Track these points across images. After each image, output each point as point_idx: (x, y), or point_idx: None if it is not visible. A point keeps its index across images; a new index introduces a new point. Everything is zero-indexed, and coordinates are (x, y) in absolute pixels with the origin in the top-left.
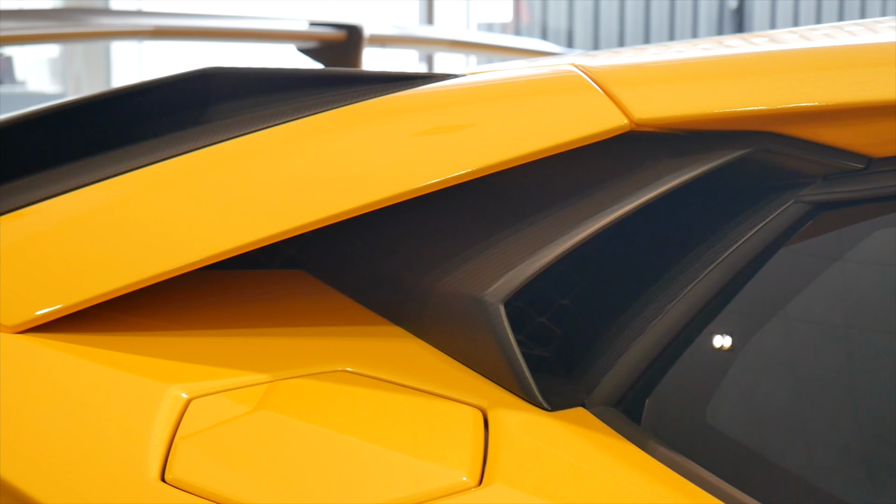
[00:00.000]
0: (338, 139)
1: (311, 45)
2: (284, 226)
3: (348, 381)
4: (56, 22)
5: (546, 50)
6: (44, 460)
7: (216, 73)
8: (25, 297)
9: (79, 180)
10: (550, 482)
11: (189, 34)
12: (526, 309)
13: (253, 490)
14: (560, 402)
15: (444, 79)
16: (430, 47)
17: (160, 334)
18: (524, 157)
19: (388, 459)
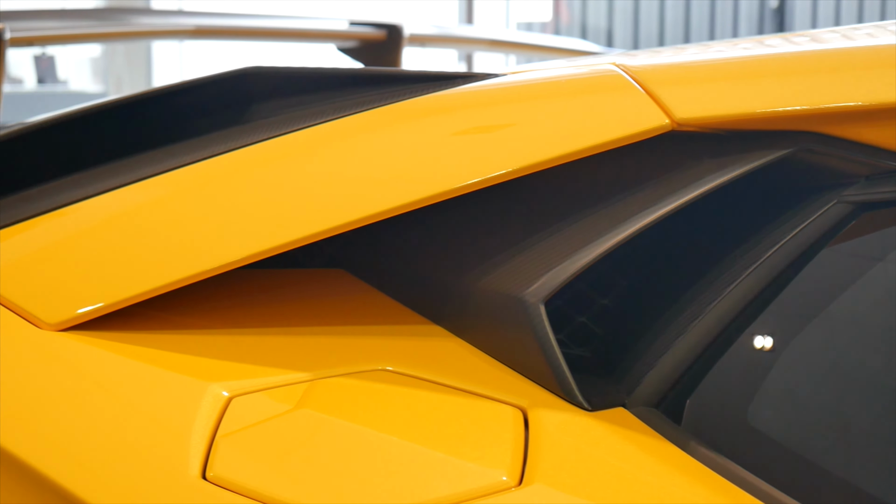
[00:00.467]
0: (378, 139)
1: (351, 44)
2: (324, 225)
3: (388, 380)
4: (98, 22)
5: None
6: (86, 457)
7: (257, 73)
8: (67, 296)
9: (121, 179)
10: (590, 482)
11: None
12: (566, 308)
13: (293, 488)
14: (600, 402)
15: (483, 78)
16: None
17: (201, 333)
18: (565, 157)
19: (427, 459)
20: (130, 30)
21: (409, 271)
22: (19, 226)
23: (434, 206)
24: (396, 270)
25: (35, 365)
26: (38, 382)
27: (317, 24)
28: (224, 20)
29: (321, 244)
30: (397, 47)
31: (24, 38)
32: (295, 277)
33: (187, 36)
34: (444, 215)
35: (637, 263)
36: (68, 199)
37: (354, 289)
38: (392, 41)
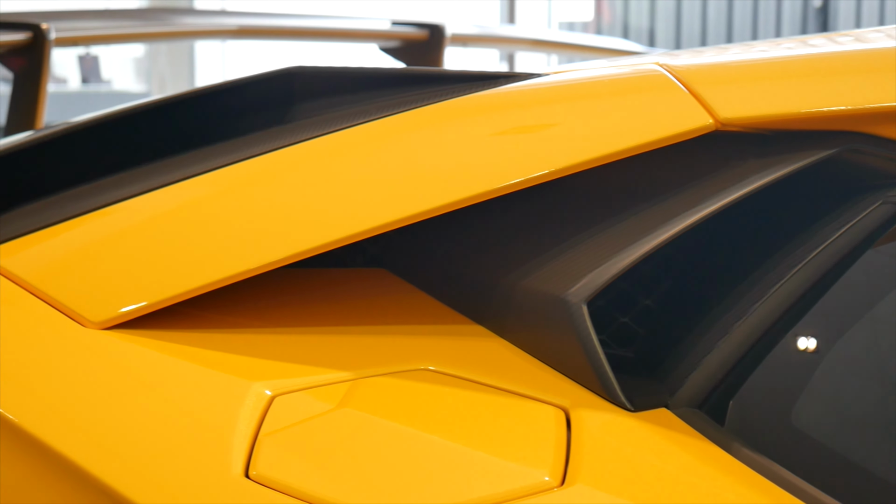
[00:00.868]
0: (420, 138)
1: (394, 44)
2: (367, 224)
3: (430, 379)
4: (141, 22)
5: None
6: (129, 455)
7: (300, 73)
8: (111, 294)
9: (164, 179)
10: (633, 483)
11: (272, 34)
12: (609, 309)
13: (335, 487)
14: (643, 402)
15: (526, 78)
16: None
17: (244, 332)
18: (608, 157)
19: (470, 458)
20: (174, 30)
21: (451, 271)
22: (65, 224)
23: (476, 206)
24: (438, 270)
25: (80, 363)
26: (83, 380)
27: (359, 24)
28: (267, 20)
29: (363, 244)
30: (439, 47)
31: (68, 38)
32: (337, 277)
33: (230, 36)
34: (486, 215)
35: (680, 264)
36: (112, 198)
37: (396, 288)
38: (434, 41)
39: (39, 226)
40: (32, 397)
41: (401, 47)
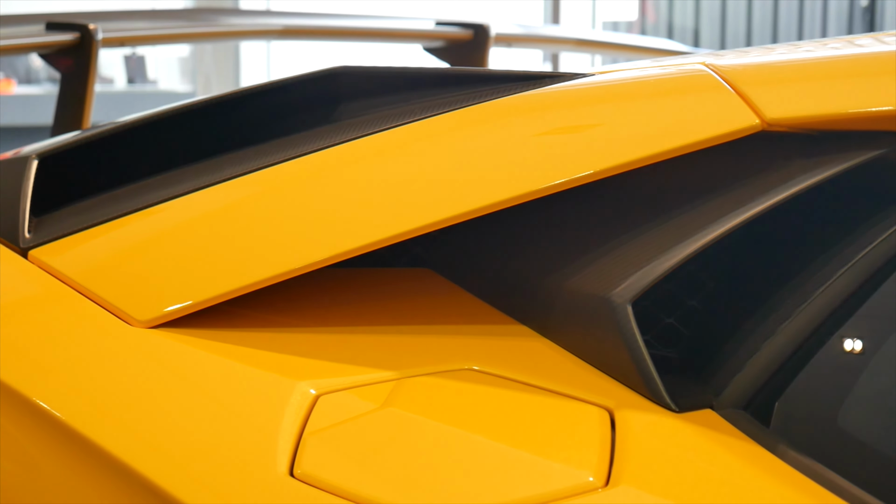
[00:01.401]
0: (465, 138)
1: (438, 44)
2: (411, 224)
3: (474, 379)
4: (187, 22)
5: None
6: (176, 453)
7: (346, 73)
8: (157, 293)
9: (209, 178)
10: (678, 484)
11: (317, 34)
12: (654, 309)
13: (379, 486)
14: (688, 403)
15: (571, 78)
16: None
17: (288, 331)
18: (654, 157)
19: (514, 458)
20: (219, 30)
21: (496, 271)
22: (112, 224)
23: (521, 206)
24: (482, 270)
25: (126, 361)
26: (130, 379)
27: (403, 24)
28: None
29: (408, 243)
30: (484, 47)
31: (115, 38)
32: (381, 276)
33: (275, 36)
34: (531, 215)
35: (725, 264)
36: (159, 197)
37: (441, 288)
38: (478, 41)
39: (86, 225)
40: (80, 395)
41: (445, 47)
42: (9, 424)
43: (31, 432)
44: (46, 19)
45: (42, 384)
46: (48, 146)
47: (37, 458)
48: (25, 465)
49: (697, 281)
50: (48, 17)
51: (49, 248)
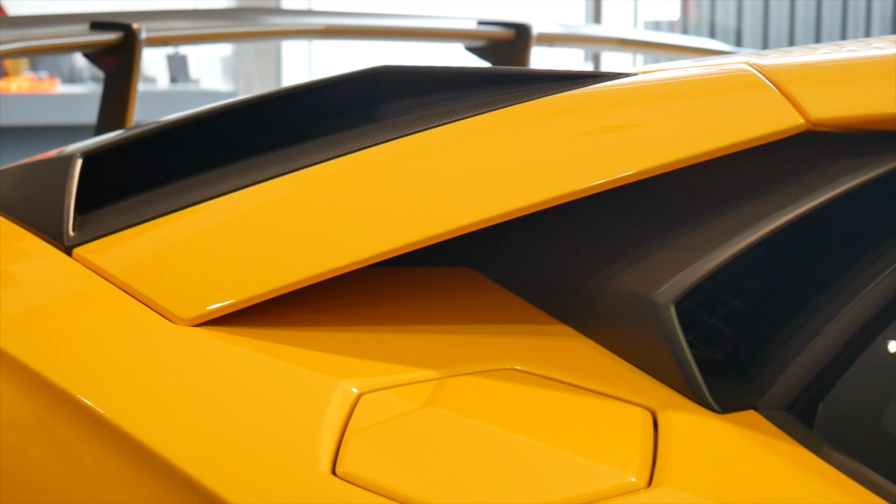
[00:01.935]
0: (507, 138)
1: (479, 43)
2: (453, 224)
3: (517, 379)
4: (230, 22)
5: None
6: (218, 451)
7: (387, 72)
8: (200, 292)
9: (252, 177)
10: (721, 485)
11: (359, 33)
12: (696, 310)
13: (421, 485)
14: (731, 404)
15: (614, 78)
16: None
17: (330, 330)
18: (697, 157)
19: (556, 459)
20: (261, 30)
21: (538, 270)
22: (154, 222)
23: (564, 206)
24: (525, 269)
25: (169, 359)
26: (173, 376)
27: (445, 23)
28: (353, 20)
29: (449, 243)
30: (525, 47)
31: (158, 37)
32: (423, 276)
33: (317, 36)
34: (573, 214)
35: (769, 265)
36: (201, 196)
37: (483, 287)
38: (520, 40)
39: (130, 223)
40: (124, 392)
41: (486, 47)
42: (55, 422)
43: (76, 429)
44: (90, 19)
45: (86, 381)
46: (92, 145)
47: (82, 455)
48: (71, 462)
49: (741, 281)
50: (92, 16)
51: (93, 246)
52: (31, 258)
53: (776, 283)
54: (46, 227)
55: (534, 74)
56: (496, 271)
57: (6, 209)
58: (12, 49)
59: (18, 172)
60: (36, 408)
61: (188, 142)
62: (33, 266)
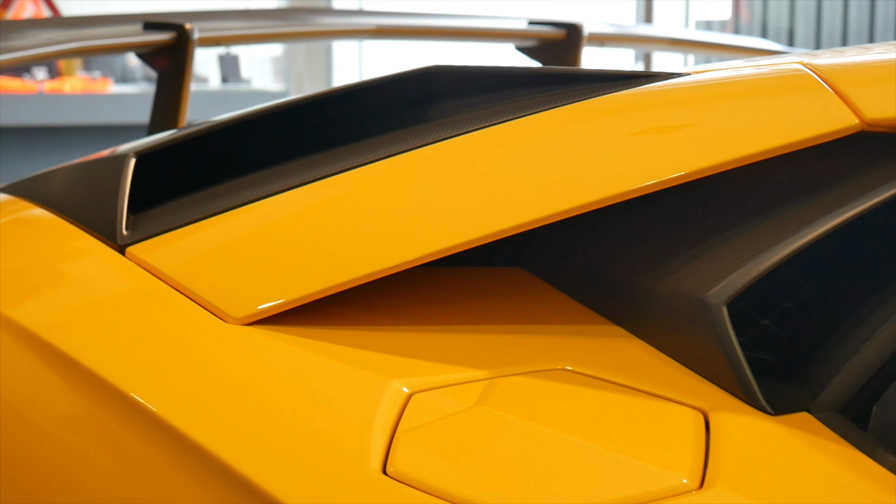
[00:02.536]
0: (559, 138)
1: (530, 43)
2: (504, 224)
3: (568, 379)
4: (281, 22)
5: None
6: (270, 450)
7: (439, 72)
8: (251, 291)
9: (304, 177)
10: (774, 487)
11: (410, 33)
12: (748, 311)
13: (472, 485)
14: (783, 406)
15: (666, 78)
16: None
17: (381, 329)
18: (751, 158)
19: (607, 459)
20: (313, 30)
21: (589, 271)
22: (206, 221)
23: (615, 206)
24: (576, 270)
25: (221, 358)
26: (225, 375)
27: (496, 23)
28: (404, 20)
29: (501, 243)
30: (576, 47)
31: (210, 37)
32: (475, 276)
33: (368, 36)
34: (625, 215)
35: (822, 266)
36: (253, 196)
37: (534, 288)
38: (571, 40)
39: (182, 222)
40: (176, 390)
41: (537, 47)
42: (108, 419)
43: (129, 427)
44: (144, 19)
45: (139, 379)
46: (145, 144)
47: (135, 452)
48: (123, 460)
49: (794, 282)
50: (145, 16)
51: (146, 245)
52: (84, 257)
53: (829, 284)
54: (100, 226)
55: (585, 74)
56: (547, 272)
57: (60, 208)
58: (66, 49)
59: (72, 172)
60: (89, 405)
61: (240, 141)
62: (87, 265)
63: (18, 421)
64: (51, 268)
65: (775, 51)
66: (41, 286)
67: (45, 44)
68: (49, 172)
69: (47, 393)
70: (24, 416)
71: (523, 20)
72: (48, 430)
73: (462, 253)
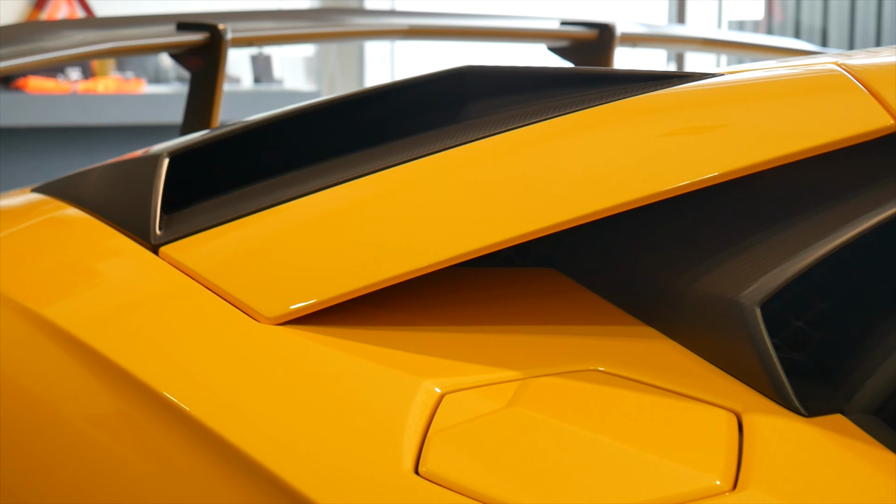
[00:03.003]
0: (591, 139)
1: (562, 43)
2: (536, 224)
3: (600, 380)
4: (314, 22)
5: (800, 49)
6: (303, 449)
7: (472, 72)
8: (283, 291)
9: (336, 177)
10: (807, 489)
11: (443, 33)
12: (782, 312)
13: (505, 486)
14: (817, 407)
15: (699, 78)
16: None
17: (413, 329)
18: (784, 159)
19: (639, 460)
20: (345, 30)
21: (621, 272)
22: (239, 221)
23: (648, 207)
24: (608, 270)
25: (254, 357)
26: (258, 375)
27: (528, 23)
28: (437, 20)
29: (532, 243)
30: (609, 47)
31: (243, 38)
32: (506, 276)
33: (401, 36)
34: (658, 215)
35: (856, 267)
36: (285, 196)
37: (565, 288)
38: (603, 41)
39: (215, 222)
40: (209, 389)
41: (569, 47)
42: (141, 418)
43: (161, 426)
44: (177, 20)
45: (172, 378)
46: (178, 145)
47: (168, 451)
48: (156, 459)
49: (828, 283)
50: (179, 17)
51: (179, 244)
52: (118, 256)
53: (864, 285)
54: (133, 225)
55: (618, 75)
56: (579, 272)
57: (94, 208)
58: (100, 50)
59: (106, 172)
60: (122, 404)
61: (273, 142)
62: (120, 264)
63: (53, 419)
64: (84, 267)
65: (809, 51)
66: (75, 285)
67: (79, 44)
68: (83, 172)
69: (81, 391)
70: (58, 414)
71: (555, 20)
72: (82, 429)
73: (493, 254)
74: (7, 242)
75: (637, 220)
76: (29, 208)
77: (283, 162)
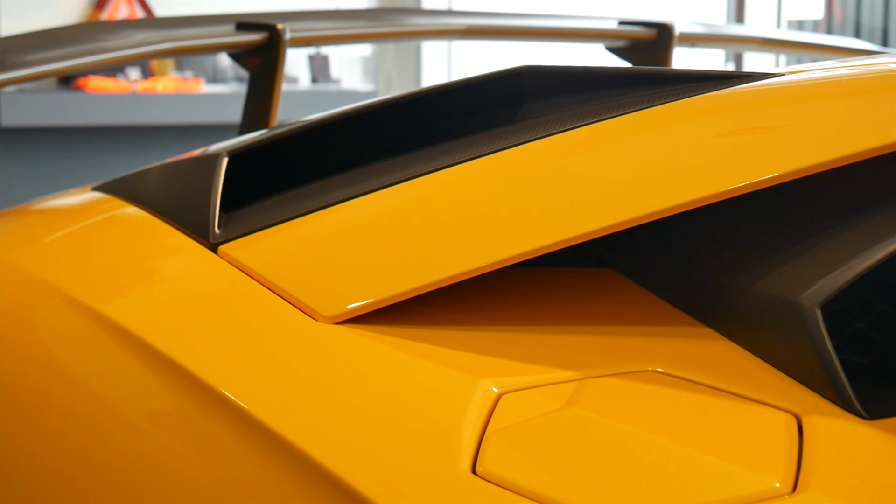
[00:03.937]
0: (650, 139)
1: (620, 43)
2: (595, 225)
3: (658, 381)
4: (371, 22)
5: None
6: (360, 449)
7: (531, 72)
8: (341, 290)
9: (394, 177)
10: (868, 492)
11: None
12: (843, 313)
13: (561, 486)
14: (878, 410)
15: (759, 78)
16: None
17: (470, 329)
18: (845, 160)
19: (698, 462)
20: (403, 30)
21: (679, 272)
22: (297, 220)
23: (706, 207)
24: (666, 271)
25: (312, 356)
26: (316, 373)
27: (586, 23)
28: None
29: (591, 244)
30: (667, 47)
31: (302, 38)
32: (564, 277)
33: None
34: (717, 216)
35: None
36: (343, 195)
37: (624, 289)
38: (662, 41)
39: (273, 221)
40: (267, 388)
41: (627, 47)
42: (201, 417)
43: (219, 423)
44: (236, 20)
45: (230, 376)
46: (237, 144)
47: (226, 448)
48: (213, 456)
49: (890, 285)
50: (238, 17)
51: (237, 243)
52: (177, 255)
53: None
54: (193, 224)
55: (677, 75)
56: (638, 273)
57: (154, 207)
58: (160, 49)
59: (165, 171)
60: (181, 401)
61: (331, 141)
62: (180, 262)
63: (112, 416)
64: (144, 265)
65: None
66: (135, 283)
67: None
68: (142, 171)
69: (140, 389)
70: (117, 411)
71: (614, 20)
72: (141, 426)
73: (552, 255)
74: (68, 241)
75: (697, 220)
76: (89, 207)
77: (341, 161)
